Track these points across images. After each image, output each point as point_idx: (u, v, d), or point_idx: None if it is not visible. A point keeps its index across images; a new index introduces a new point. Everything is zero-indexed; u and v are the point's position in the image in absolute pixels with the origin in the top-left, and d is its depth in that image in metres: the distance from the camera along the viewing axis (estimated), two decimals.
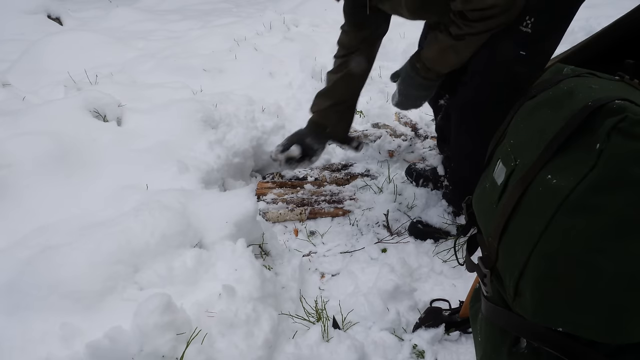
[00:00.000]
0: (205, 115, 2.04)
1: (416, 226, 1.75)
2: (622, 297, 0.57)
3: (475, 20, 1.35)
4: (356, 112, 2.71)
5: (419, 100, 1.67)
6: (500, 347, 0.77)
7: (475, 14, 1.33)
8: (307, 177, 2.17)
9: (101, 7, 7.11)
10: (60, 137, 1.69)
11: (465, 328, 1.35)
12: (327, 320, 1.38)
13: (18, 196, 1.48)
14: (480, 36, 1.39)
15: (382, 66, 3.04)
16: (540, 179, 0.65)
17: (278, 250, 1.62)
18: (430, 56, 1.49)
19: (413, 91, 1.62)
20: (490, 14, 1.32)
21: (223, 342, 1.15)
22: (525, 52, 1.35)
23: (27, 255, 1.23)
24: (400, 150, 2.31)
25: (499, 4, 1.29)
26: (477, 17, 1.34)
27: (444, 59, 1.49)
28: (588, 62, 0.95)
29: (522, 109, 0.81)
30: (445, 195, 1.80)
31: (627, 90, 0.67)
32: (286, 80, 2.84)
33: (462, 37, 1.40)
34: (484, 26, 1.36)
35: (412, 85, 1.59)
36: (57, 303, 1.12)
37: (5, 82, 2.66)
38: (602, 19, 3.30)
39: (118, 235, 1.25)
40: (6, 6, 5.52)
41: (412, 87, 1.60)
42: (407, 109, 1.73)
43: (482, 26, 1.36)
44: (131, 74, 3.00)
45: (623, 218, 0.56)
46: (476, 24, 1.36)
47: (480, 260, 0.77)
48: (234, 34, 3.76)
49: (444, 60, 1.49)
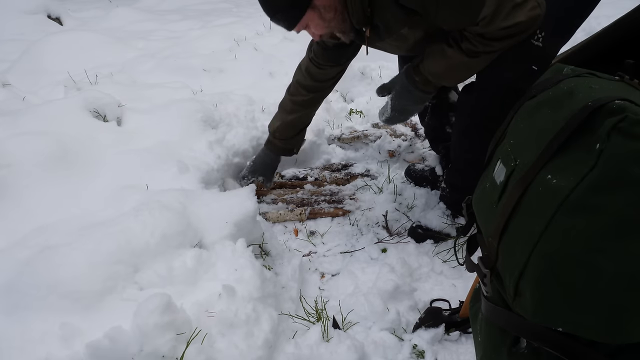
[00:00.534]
0: (205, 115, 2.04)
1: (416, 231, 1.75)
2: (622, 297, 0.57)
3: (496, 40, 1.30)
4: (356, 112, 2.73)
5: (411, 114, 1.62)
6: (500, 347, 0.77)
7: (499, 33, 1.28)
8: (307, 177, 2.17)
9: (101, 7, 7.12)
10: (60, 137, 1.68)
11: (465, 328, 1.35)
12: (327, 320, 1.38)
13: (17, 196, 1.48)
14: (496, 53, 1.34)
15: (382, 66, 3.04)
16: (540, 179, 0.65)
17: (278, 250, 1.62)
18: (437, 71, 1.42)
19: (410, 105, 1.55)
20: (512, 32, 1.28)
21: (223, 342, 1.15)
22: (537, 66, 1.32)
23: (26, 255, 1.23)
24: (400, 150, 2.31)
25: (521, 21, 1.25)
26: (500, 36, 1.29)
27: (453, 75, 1.43)
28: (588, 62, 0.96)
29: (522, 109, 0.81)
30: (442, 197, 1.79)
31: (627, 90, 0.67)
32: (286, 80, 2.82)
33: (476, 54, 1.34)
34: (502, 45, 1.31)
35: (410, 99, 1.53)
36: (57, 303, 1.12)
37: (5, 82, 2.66)
38: (602, 19, 3.29)
39: (118, 235, 1.25)
40: (6, 6, 5.53)
41: (410, 101, 1.53)
42: (397, 122, 1.66)
43: (500, 45, 1.31)
44: (131, 74, 3.00)
45: (623, 218, 0.56)
46: (495, 42, 1.31)
47: (480, 260, 0.77)
48: (234, 34, 3.77)
49: (454, 76, 1.44)
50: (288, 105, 1.88)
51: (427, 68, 1.43)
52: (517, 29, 1.27)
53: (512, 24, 1.26)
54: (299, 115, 1.88)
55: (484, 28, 1.27)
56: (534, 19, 1.27)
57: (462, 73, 1.43)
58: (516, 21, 1.26)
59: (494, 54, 1.35)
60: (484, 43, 1.31)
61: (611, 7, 3.71)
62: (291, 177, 2.18)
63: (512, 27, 1.27)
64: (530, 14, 1.25)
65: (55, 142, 1.65)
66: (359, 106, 2.76)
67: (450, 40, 1.37)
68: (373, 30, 1.44)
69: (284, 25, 1.41)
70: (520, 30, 1.28)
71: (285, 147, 1.93)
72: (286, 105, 1.89)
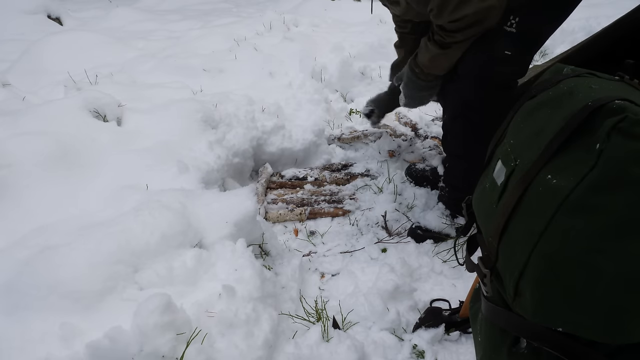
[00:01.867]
0: (205, 115, 2.04)
1: (415, 231, 1.75)
2: (622, 298, 0.57)
3: (454, 31, 1.37)
4: (356, 112, 2.73)
5: (424, 99, 1.75)
6: (500, 347, 0.77)
7: (452, 25, 1.35)
8: (307, 177, 2.17)
9: (101, 7, 7.12)
10: (60, 137, 1.69)
11: (465, 328, 1.35)
12: (327, 320, 1.38)
13: (17, 196, 1.48)
14: (466, 42, 1.41)
15: (382, 66, 3.04)
16: (540, 179, 0.65)
17: (278, 250, 1.62)
18: (424, 62, 1.55)
19: (416, 92, 1.69)
20: (464, 24, 1.32)
21: (223, 342, 1.15)
22: (511, 51, 1.35)
23: (26, 255, 1.23)
24: (400, 150, 2.31)
25: (469, 13, 1.29)
26: (454, 28, 1.35)
27: (436, 65, 1.53)
28: (588, 62, 0.95)
29: (522, 109, 0.81)
30: (441, 197, 1.79)
31: (627, 90, 0.67)
32: (286, 80, 2.84)
33: (448, 45, 1.43)
34: (463, 35, 1.37)
35: (415, 87, 1.67)
36: (57, 303, 1.12)
37: (5, 82, 2.66)
38: (602, 19, 3.30)
39: (118, 235, 1.25)
40: (6, 6, 5.53)
41: (415, 89, 1.68)
42: (414, 107, 1.82)
43: (461, 36, 1.37)
44: (131, 74, 2.99)
45: (623, 218, 0.56)
46: (455, 34, 1.37)
47: (480, 260, 0.77)
48: (234, 34, 3.76)
49: (437, 65, 1.53)
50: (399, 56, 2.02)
51: (418, 60, 1.57)
52: (467, 21, 1.30)
53: (460, 16, 1.29)
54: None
55: (436, 20, 1.35)
56: (486, 9, 1.28)
57: (443, 62, 1.50)
58: (463, 14, 1.28)
59: (464, 43, 1.40)
60: (447, 35, 1.38)
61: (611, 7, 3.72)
62: (291, 177, 2.18)
63: (461, 20, 1.30)
64: (480, 6, 1.27)
65: (55, 142, 1.65)
66: (359, 106, 2.75)
67: (430, 34, 1.47)
68: None
69: None
70: (473, 22, 1.31)
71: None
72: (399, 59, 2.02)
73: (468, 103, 1.49)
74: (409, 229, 1.78)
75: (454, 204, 1.72)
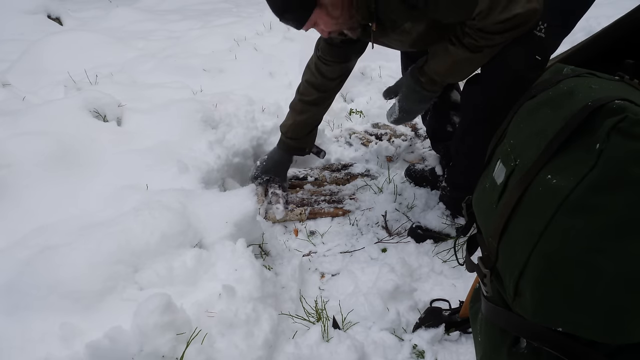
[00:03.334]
0: (205, 115, 2.04)
1: (416, 231, 1.75)
2: (622, 298, 0.57)
3: (496, 33, 1.31)
4: (356, 112, 2.73)
5: (419, 113, 1.69)
6: (500, 347, 0.77)
7: (496, 26, 1.29)
8: (307, 177, 2.17)
9: (101, 7, 7.12)
10: (60, 137, 1.69)
11: (465, 328, 1.35)
12: (327, 320, 1.38)
13: (17, 196, 1.48)
14: (497, 47, 1.35)
15: (382, 66, 3.04)
16: (540, 179, 0.65)
17: (278, 250, 1.62)
18: (442, 69, 1.45)
19: (417, 106, 1.60)
20: (511, 24, 1.28)
21: (223, 342, 1.15)
22: (541, 56, 1.34)
23: (26, 255, 1.23)
24: (400, 151, 2.31)
25: (520, 13, 1.25)
26: (498, 29, 1.29)
27: (458, 71, 1.45)
28: (588, 62, 0.95)
29: (522, 109, 0.81)
30: (442, 197, 1.79)
31: (627, 90, 0.67)
32: (286, 80, 2.84)
33: (479, 49, 1.35)
34: (503, 38, 1.32)
35: (417, 99, 1.57)
36: (57, 303, 1.12)
37: (5, 82, 2.66)
38: (602, 19, 3.30)
39: (118, 235, 1.25)
40: (6, 6, 5.53)
41: (416, 101, 1.58)
42: (408, 121, 1.74)
43: (501, 38, 1.32)
44: (131, 74, 3.00)
45: (623, 218, 0.56)
46: (496, 36, 1.31)
47: (480, 260, 0.77)
48: (234, 34, 3.76)
49: (459, 72, 1.45)
50: (298, 106, 1.92)
51: (432, 68, 1.46)
52: (515, 21, 1.28)
53: (510, 16, 1.26)
54: (310, 115, 1.92)
55: (482, 22, 1.29)
56: (532, 11, 1.27)
57: (467, 68, 1.44)
58: (513, 13, 1.26)
59: (497, 47, 1.36)
60: (485, 37, 1.32)
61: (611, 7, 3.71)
62: (291, 177, 2.18)
63: (510, 20, 1.27)
64: (527, 7, 1.26)
65: (55, 142, 1.65)
66: (358, 106, 2.75)
67: (453, 38, 1.39)
68: (377, 25, 1.46)
69: (293, 24, 1.43)
70: (519, 23, 1.29)
71: (297, 146, 1.97)
72: (296, 105, 1.93)
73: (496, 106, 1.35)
74: (409, 229, 1.78)
75: (455, 203, 1.72)
